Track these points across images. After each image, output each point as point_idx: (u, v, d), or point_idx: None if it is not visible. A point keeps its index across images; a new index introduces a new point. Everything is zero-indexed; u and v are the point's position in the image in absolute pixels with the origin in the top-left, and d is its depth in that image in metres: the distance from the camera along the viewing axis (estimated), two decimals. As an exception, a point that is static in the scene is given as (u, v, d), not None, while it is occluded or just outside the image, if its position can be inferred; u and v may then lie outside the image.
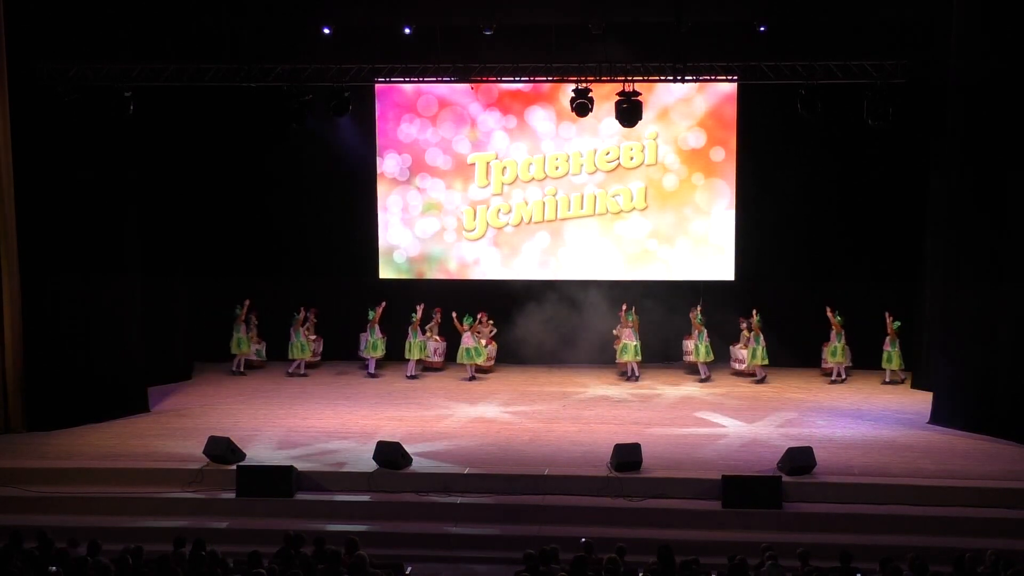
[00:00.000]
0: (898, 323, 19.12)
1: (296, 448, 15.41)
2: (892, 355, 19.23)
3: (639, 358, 19.67)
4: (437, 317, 20.30)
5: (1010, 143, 15.64)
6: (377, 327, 20.03)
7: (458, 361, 19.83)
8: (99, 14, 16.53)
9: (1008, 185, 15.75)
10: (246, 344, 20.27)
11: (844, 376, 19.48)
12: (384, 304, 20.01)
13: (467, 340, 19.67)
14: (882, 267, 19.96)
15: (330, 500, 14.09)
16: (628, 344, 19.55)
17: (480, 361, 19.74)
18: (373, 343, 20.02)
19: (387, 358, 20.20)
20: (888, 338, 19.23)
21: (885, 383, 19.27)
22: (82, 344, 16.98)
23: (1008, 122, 15.60)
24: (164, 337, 19.39)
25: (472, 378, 19.65)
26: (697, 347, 19.52)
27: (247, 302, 20.20)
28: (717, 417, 17.08)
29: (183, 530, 12.23)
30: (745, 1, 18.02)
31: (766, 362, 19.44)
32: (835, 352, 19.30)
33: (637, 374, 19.71)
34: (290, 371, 20.13)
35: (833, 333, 19.26)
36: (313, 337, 20.43)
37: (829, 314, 19.16)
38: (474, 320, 19.81)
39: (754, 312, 19.40)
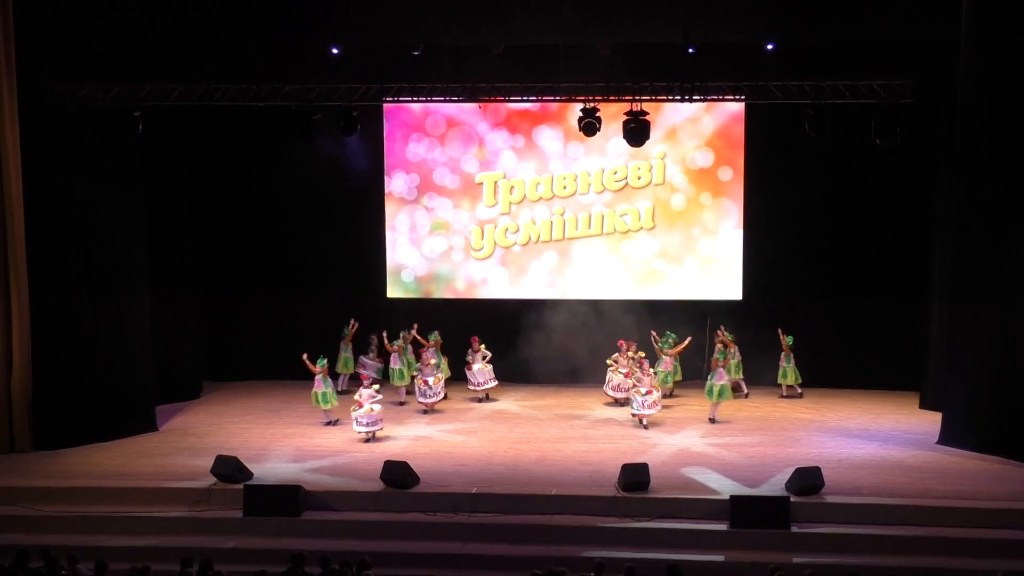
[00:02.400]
0: (791, 338, 19.27)
1: (304, 466, 15.39)
2: (787, 371, 19.46)
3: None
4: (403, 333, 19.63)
5: (1018, 161, 15.63)
6: (439, 352, 19.50)
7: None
8: (109, 35, 16.64)
9: (1017, 203, 15.74)
10: (352, 364, 20.10)
11: (746, 391, 19.54)
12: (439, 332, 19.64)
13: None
14: (890, 286, 19.90)
15: (338, 519, 14.07)
16: (734, 363, 19.47)
17: (327, 408, 17.91)
18: (436, 365, 19.24)
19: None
20: (783, 354, 19.42)
21: (782, 397, 19.52)
22: (90, 362, 17.00)
23: (1016, 141, 15.59)
24: (173, 355, 19.44)
25: (330, 424, 17.92)
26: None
27: (354, 322, 20.04)
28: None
29: (190, 549, 12.18)
30: (753, 21, 18.03)
31: (679, 379, 19.74)
32: (729, 370, 19.22)
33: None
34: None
35: (728, 351, 19.30)
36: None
37: (716, 336, 19.32)
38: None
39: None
